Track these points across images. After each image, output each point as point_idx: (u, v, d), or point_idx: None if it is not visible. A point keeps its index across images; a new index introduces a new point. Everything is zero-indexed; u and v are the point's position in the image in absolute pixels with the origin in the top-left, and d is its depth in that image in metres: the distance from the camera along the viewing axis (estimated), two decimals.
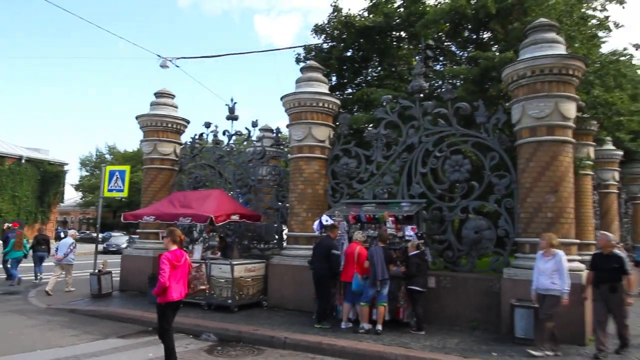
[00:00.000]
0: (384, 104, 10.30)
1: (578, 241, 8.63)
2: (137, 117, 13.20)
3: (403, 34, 13.78)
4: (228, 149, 12.84)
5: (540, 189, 8.12)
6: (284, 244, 11.33)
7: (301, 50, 14.79)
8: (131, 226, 24.31)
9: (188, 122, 13.47)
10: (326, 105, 10.70)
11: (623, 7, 11.19)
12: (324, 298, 8.68)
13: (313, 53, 14.49)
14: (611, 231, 14.31)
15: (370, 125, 12.12)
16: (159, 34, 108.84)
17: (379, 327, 8.05)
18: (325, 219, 9.25)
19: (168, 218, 10.47)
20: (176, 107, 13.50)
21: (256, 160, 12.16)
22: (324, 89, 10.94)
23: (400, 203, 9.54)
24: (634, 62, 11.74)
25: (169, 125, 13.01)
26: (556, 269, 6.84)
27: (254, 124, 12.37)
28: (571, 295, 7.22)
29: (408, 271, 8.29)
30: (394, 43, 14.08)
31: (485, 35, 12.70)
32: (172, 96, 13.57)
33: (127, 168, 13.96)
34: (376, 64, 14.86)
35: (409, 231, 8.85)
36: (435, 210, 9.54)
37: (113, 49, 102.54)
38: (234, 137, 12.76)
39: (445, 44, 13.99)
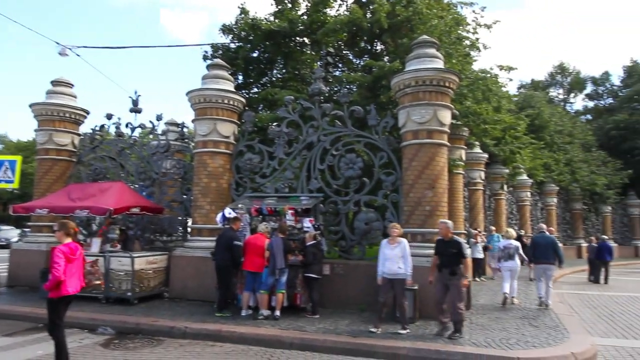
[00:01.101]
0: (287, 104, 10.35)
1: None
2: (30, 106, 11.87)
3: (306, 39, 13.93)
4: (131, 142, 12.05)
5: (420, 186, 8.69)
6: (189, 236, 10.92)
7: (209, 48, 14.33)
8: (23, 219, 21.84)
9: (87, 112, 12.40)
10: (231, 103, 10.48)
11: (490, 32, 12.35)
12: (225, 287, 8.52)
13: (220, 52, 14.08)
14: (477, 222, 15.81)
15: (274, 123, 12.10)
16: (60, 21, 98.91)
17: (277, 313, 8.09)
18: (228, 212, 9.07)
19: (63, 210, 9.56)
20: (75, 96, 12.36)
21: (160, 153, 11.55)
22: (230, 86, 10.71)
23: (299, 197, 9.66)
24: (498, 79, 12.95)
25: (67, 115, 11.87)
26: (402, 255, 7.29)
27: (159, 118, 11.74)
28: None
29: (305, 260, 8.43)
30: (298, 48, 14.16)
31: (378, 47, 13.27)
32: (71, 85, 12.40)
33: (18, 158, 12.46)
34: (281, 66, 14.84)
35: (307, 223, 9.01)
36: (331, 204, 9.80)
37: (2, 33, 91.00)
38: (137, 130, 12.00)
39: (344, 52, 14.38)
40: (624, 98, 38.51)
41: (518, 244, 10.88)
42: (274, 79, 14.83)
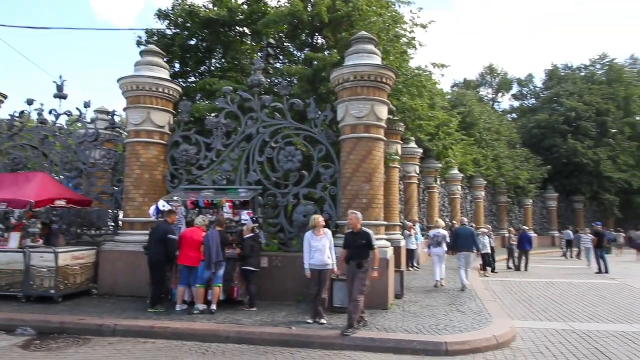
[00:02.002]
0: (226, 95, 10.12)
1: (386, 223, 9.68)
2: None
3: (246, 30, 13.67)
4: (55, 130, 11.26)
5: (358, 179, 8.86)
6: (120, 230, 10.41)
7: (143, 34, 13.66)
8: None
9: (5, 97, 11.43)
10: (167, 91, 10.09)
11: (426, 31, 12.79)
12: (159, 282, 8.24)
13: (155, 38, 13.47)
14: (412, 215, 16.40)
15: (212, 114, 11.80)
16: None
17: (214, 307, 7.95)
18: (163, 205, 8.75)
19: None
20: None
21: (89, 142, 10.90)
22: (165, 74, 10.29)
23: (238, 189, 9.52)
24: (432, 77, 13.47)
25: None
26: (329, 246, 7.44)
27: (87, 105, 11.07)
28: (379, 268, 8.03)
29: (243, 253, 8.34)
30: (238, 38, 13.87)
31: (319, 41, 13.30)
32: None
33: None
34: (220, 55, 14.47)
35: (245, 216, 8.90)
36: (270, 197, 9.75)
37: None
38: (63, 118, 11.24)
39: (285, 44, 14.29)
40: (545, 99, 41.47)
41: (446, 233, 12.37)
42: (212, 68, 14.44)
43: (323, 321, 7.24)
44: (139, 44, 13.45)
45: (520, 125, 39.70)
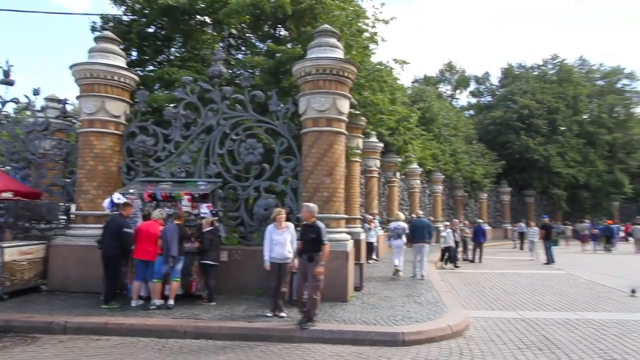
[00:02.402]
0: (185, 85, 9.86)
1: (347, 216, 9.75)
2: None
3: (207, 19, 13.34)
4: (2, 118, 10.63)
5: (319, 172, 8.88)
6: (72, 224, 9.98)
7: (98, 19, 13.07)
8: None
9: None
10: (122, 80, 9.71)
11: (387, 27, 12.94)
12: (113, 277, 7.97)
13: (111, 24, 12.92)
14: (372, 208, 16.61)
15: (171, 104, 11.47)
16: None
17: (171, 302, 7.78)
18: (117, 197, 8.45)
19: None
20: None
21: (38, 132, 10.37)
22: (121, 62, 9.90)
23: (197, 182, 9.32)
24: (393, 72, 13.65)
25: None
26: (291, 240, 7.36)
27: (36, 92, 10.53)
28: (337, 260, 8.15)
29: (202, 246, 8.19)
30: (198, 27, 13.50)
31: (282, 33, 13.17)
32: None
33: None
34: (179, 44, 14.05)
35: (204, 209, 8.73)
36: (231, 189, 9.62)
37: None
38: (10, 105, 10.63)
39: (247, 35, 14.06)
40: (500, 97, 42.93)
41: (405, 225, 13.02)
42: (171, 57, 14.01)
43: (282, 314, 7.24)
44: (93, 29, 12.87)
45: (477, 122, 40.95)
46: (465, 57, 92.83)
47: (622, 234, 31.18)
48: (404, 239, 12.67)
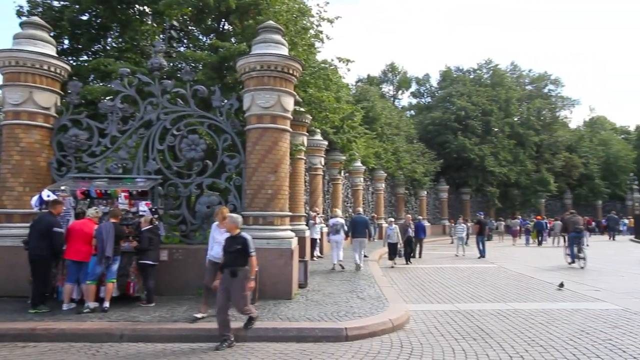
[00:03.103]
0: (122, 77, 9.40)
1: (291, 213, 9.74)
2: None
3: (147, 9, 12.79)
4: None
5: (263, 169, 8.79)
6: None
7: (24, 3, 12.14)
8: None
9: None
10: (52, 69, 9.08)
11: (332, 26, 13.03)
12: (42, 280, 7.45)
13: (40, 9, 12.05)
14: (317, 206, 16.71)
15: (107, 97, 10.90)
16: None
17: (106, 304, 7.40)
18: (47, 194, 7.93)
19: None
20: None
21: None
22: (51, 50, 9.25)
23: (135, 179, 8.94)
24: (338, 71, 13.78)
25: None
26: None
27: None
28: (281, 258, 8.13)
29: (140, 246, 7.86)
30: (137, 17, 12.92)
31: (226, 27, 12.91)
32: None
33: None
34: (116, 34, 13.38)
35: (143, 207, 8.40)
36: (171, 187, 9.30)
37: None
38: None
39: (190, 28, 13.64)
40: (439, 98, 44.63)
41: (343, 221, 13.78)
42: (108, 48, 13.32)
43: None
44: (19, 14, 11.94)
45: (417, 122, 42.36)
46: (407, 59, 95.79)
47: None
48: (342, 234, 13.41)
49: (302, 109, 11.91)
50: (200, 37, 13.73)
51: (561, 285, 10.04)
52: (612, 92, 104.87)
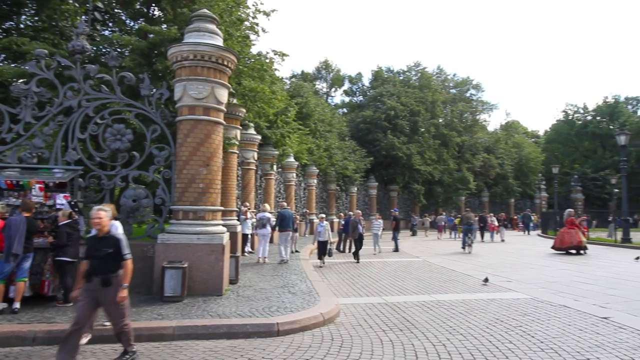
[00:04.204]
0: (39, 58, 8.62)
1: (223, 208, 9.52)
2: None
3: None
4: None
5: (195, 162, 8.50)
6: None
7: None
8: None
9: None
10: None
11: (269, 19, 12.88)
12: None
13: None
14: (249, 200, 16.50)
15: (20, 80, 9.96)
16: None
17: (17, 305, 6.79)
18: None
19: None
20: None
21: None
22: None
23: (52, 169, 8.26)
24: (273, 64, 13.63)
25: None
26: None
27: None
28: (212, 254, 7.94)
29: (57, 241, 7.30)
30: None
31: (156, 13, 12.30)
32: None
33: None
34: (32, 12, 12.27)
35: (61, 199, 7.81)
36: (93, 178, 8.72)
37: None
38: None
39: (116, 10, 12.83)
40: (371, 97, 45.83)
41: (270, 215, 14.11)
42: (22, 26, 12.17)
43: None
44: None
45: (349, 119, 43.18)
46: (340, 57, 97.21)
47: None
48: (269, 228, 13.74)
49: (235, 102, 11.67)
50: (128, 21, 12.98)
51: (486, 280, 10.68)
52: (526, 98, 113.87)
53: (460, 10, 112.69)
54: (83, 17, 11.41)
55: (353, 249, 18.28)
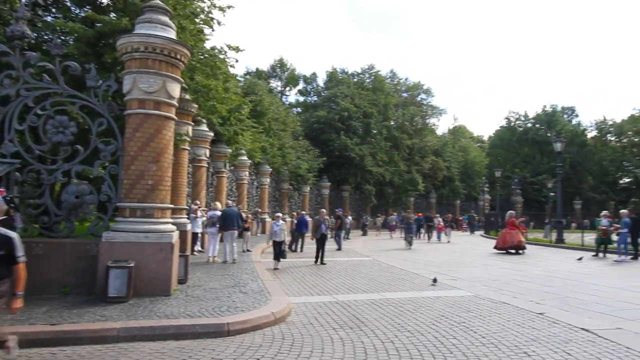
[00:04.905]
0: None
1: (172, 206, 9.27)
2: None
3: None
4: None
5: (144, 158, 8.22)
6: None
7: None
8: None
9: None
10: None
11: (224, 15, 12.64)
12: None
13: None
14: (200, 198, 16.15)
15: None
16: None
17: None
18: None
19: None
20: None
21: None
22: None
23: None
24: (227, 60, 13.40)
25: None
26: None
27: None
28: (161, 252, 7.72)
29: None
30: None
31: (105, 0, 11.75)
32: None
33: None
34: None
35: None
36: (32, 173, 8.22)
37: None
38: None
39: None
40: (325, 98, 46.13)
41: (220, 214, 13.93)
42: None
43: None
44: None
45: (303, 119, 43.26)
46: (296, 56, 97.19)
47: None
48: (218, 226, 13.73)
49: (188, 97, 11.38)
50: (73, 8, 12.31)
51: (435, 280, 10.86)
52: (473, 104, 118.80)
53: (413, 18, 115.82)
54: (23, 0, 10.72)
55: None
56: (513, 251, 19.56)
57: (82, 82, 8.71)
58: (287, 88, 53.78)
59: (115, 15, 10.98)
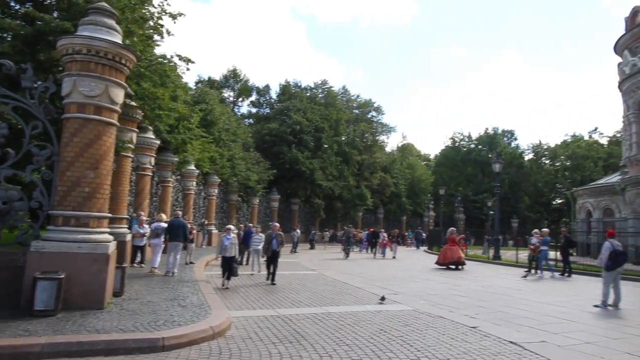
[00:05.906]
0: None
1: (111, 215, 8.90)
2: None
3: None
4: None
5: (81, 164, 7.87)
6: None
7: None
8: None
9: None
10: None
11: (175, 22, 12.41)
12: None
13: None
14: (143, 208, 15.62)
15: None
16: None
17: None
18: None
19: None
20: None
21: None
22: None
23: None
24: (177, 69, 13.18)
25: None
26: None
27: None
28: (95, 264, 7.39)
29: None
30: None
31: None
32: None
33: None
34: None
35: None
36: None
37: None
38: None
39: None
40: (277, 110, 46.19)
41: (165, 225, 13.76)
42: None
43: None
44: None
45: (255, 131, 43.04)
46: (250, 68, 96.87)
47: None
48: (162, 238, 13.54)
49: (133, 103, 11.04)
50: (12, 3, 11.69)
51: (382, 299, 10.79)
52: (420, 123, 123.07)
53: (367, 41, 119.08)
54: None
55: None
56: (453, 267, 20.29)
57: (16, 82, 8.26)
58: (240, 99, 53.40)
59: (57, 14, 10.54)
